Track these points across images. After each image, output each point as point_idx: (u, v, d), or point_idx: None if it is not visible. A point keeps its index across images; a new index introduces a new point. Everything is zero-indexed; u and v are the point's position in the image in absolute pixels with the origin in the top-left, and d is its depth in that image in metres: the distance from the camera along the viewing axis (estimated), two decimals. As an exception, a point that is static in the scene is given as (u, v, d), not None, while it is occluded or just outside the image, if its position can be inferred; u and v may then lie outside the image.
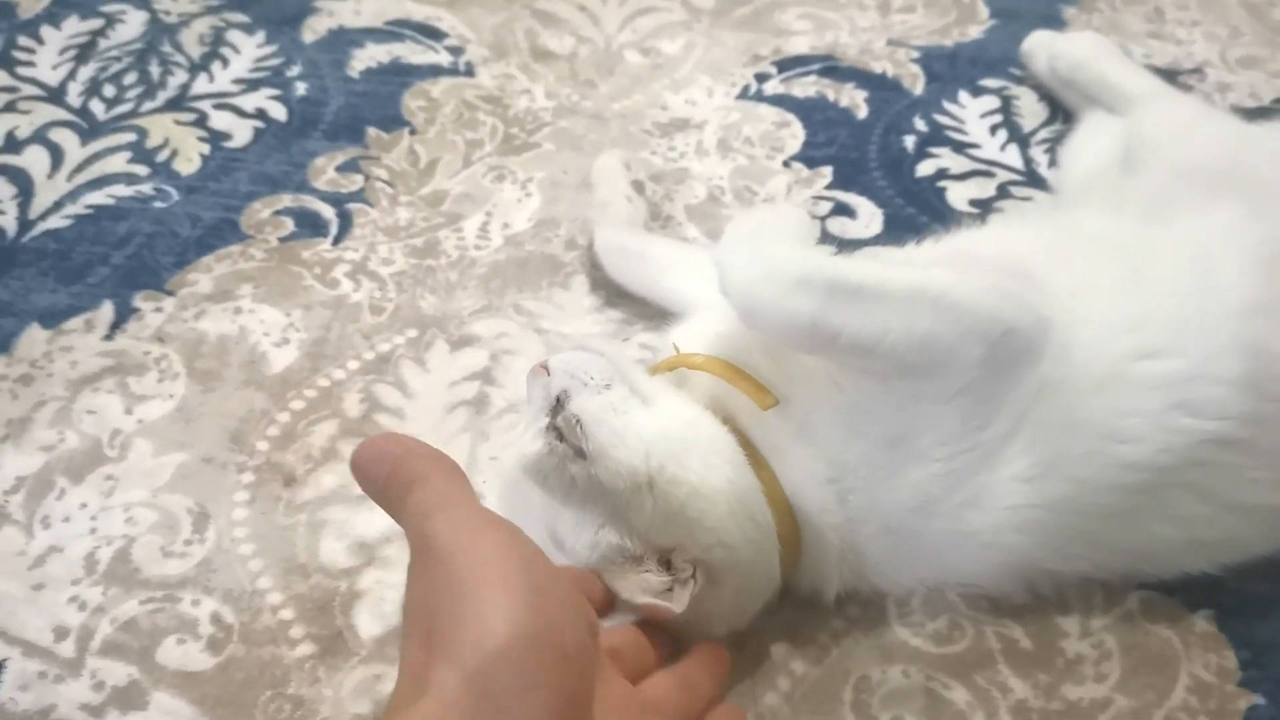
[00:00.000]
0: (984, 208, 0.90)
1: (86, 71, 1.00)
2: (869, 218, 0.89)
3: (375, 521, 0.67)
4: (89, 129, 0.94)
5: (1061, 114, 0.99)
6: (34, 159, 0.91)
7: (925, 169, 0.94)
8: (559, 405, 0.57)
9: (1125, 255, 0.62)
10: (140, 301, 0.80)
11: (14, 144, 0.92)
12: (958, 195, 0.91)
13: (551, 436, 0.56)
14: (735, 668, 0.59)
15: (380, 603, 0.63)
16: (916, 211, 0.89)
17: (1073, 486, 0.57)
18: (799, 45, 1.07)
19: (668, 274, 0.78)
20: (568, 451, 0.55)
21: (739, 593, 0.58)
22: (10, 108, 0.96)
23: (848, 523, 0.58)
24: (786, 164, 0.94)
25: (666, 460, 0.55)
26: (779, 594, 0.60)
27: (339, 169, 0.91)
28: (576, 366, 0.58)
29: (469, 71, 1.01)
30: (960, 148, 0.96)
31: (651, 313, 0.78)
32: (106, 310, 0.79)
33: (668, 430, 0.56)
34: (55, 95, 0.97)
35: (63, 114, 0.95)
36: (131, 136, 0.93)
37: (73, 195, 0.88)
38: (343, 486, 0.69)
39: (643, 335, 0.79)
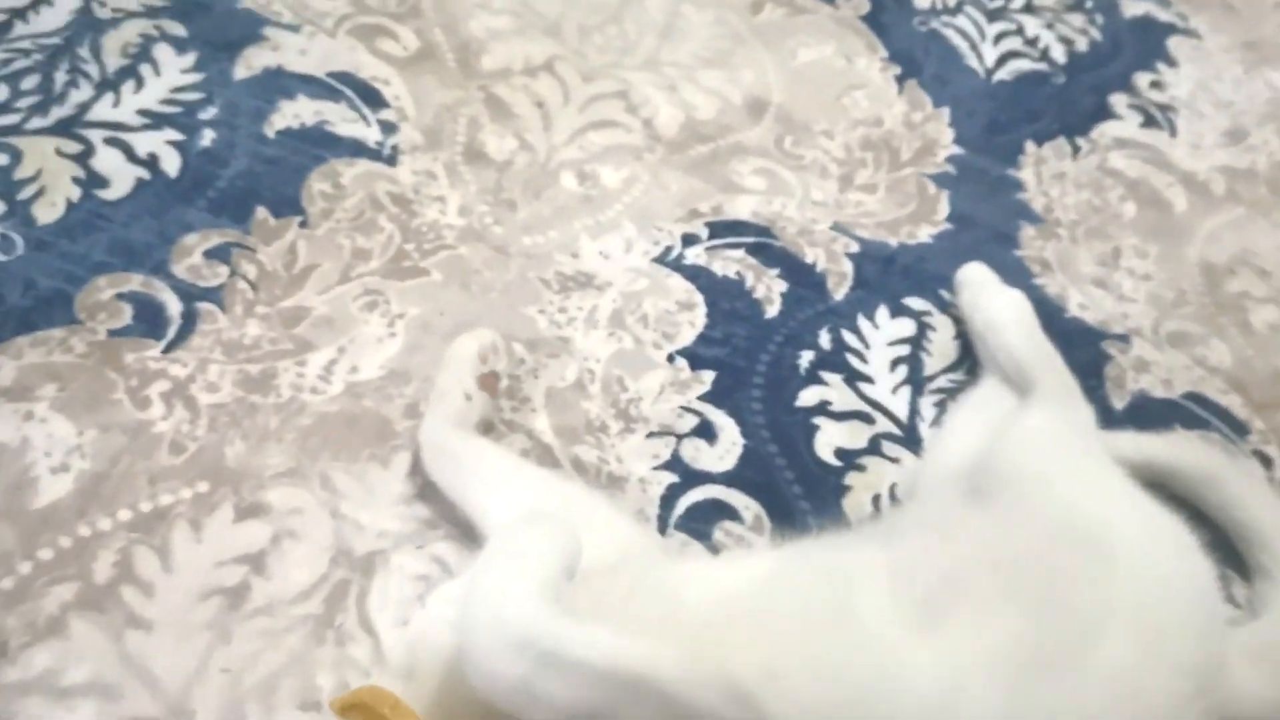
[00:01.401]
0: (848, 461, 0.79)
1: (-10, 60, 0.84)
2: (727, 448, 0.78)
3: (69, 727, 0.58)
4: (-38, 137, 0.79)
5: (969, 362, 0.88)
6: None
7: (808, 397, 0.82)
8: None
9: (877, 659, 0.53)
10: (-69, 379, 0.68)
11: None
12: (826, 440, 0.80)
13: None
14: None
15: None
16: (778, 451, 0.78)
17: None
18: (742, 208, 0.94)
19: (479, 489, 0.67)
20: None
21: None
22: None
23: None
24: (671, 358, 0.82)
25: None
26: None
27: (207, 254, 0.78)
28: None
29: (391, 159, 0.88)
30: (853, 378, 0.84)
31: (460, 520, 0.69)
32: (-111, 381, 0.67)
33: None
34: (-57, 83, 0.81)
35: (-58, 111, 0.80)
36: (4, 159, 0.78)
37: (-89, 220, 0.74)
38: (50, 671, 0.59)
39: (440, 545, 0.69)
